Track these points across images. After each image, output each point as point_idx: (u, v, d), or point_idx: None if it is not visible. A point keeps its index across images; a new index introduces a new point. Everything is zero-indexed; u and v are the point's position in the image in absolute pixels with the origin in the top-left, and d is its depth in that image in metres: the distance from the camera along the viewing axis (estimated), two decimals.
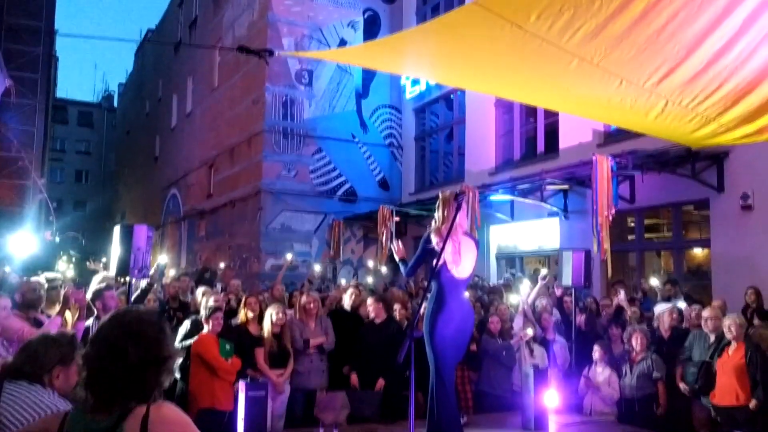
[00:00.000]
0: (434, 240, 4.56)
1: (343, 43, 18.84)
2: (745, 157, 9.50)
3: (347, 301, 7.64)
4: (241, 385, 5.08)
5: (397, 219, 14.82)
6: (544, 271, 8.97)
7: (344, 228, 17.86)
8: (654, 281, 9.27)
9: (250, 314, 6.48)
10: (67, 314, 5.09)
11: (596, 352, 6.80)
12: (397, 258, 5.05)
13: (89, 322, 5.11)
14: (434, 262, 4.48)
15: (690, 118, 4.72)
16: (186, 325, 6.29)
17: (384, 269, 14.39)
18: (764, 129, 4.79)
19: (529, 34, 3.64)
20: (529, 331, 6.98)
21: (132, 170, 37.37)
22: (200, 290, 7.37)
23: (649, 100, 4.46)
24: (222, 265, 15.27)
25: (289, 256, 13.40)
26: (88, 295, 5.44)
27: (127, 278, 6.05)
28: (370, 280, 14.00)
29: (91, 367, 2.05)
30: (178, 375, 6.18)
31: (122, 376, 1.99)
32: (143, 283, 6.53)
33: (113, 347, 2.02)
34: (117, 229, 5.92)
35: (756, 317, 7.47)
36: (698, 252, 11.64)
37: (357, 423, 6.15)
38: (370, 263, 16.05)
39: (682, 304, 8.04)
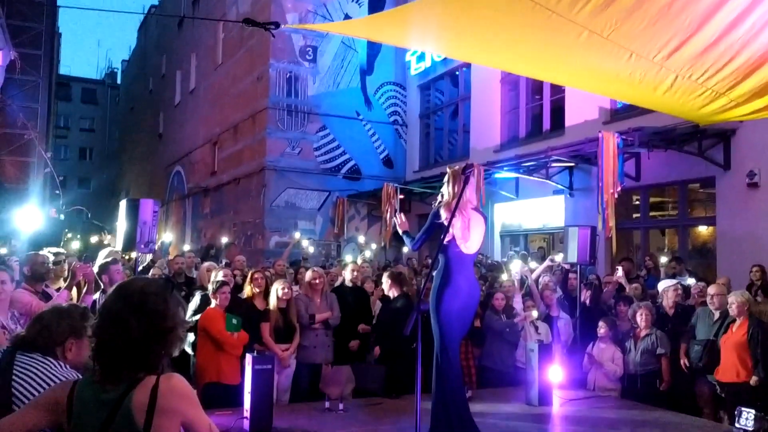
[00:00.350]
0: (443, 215, 4.53)
1: (347, 18, 18.67)
2: (753, 135, 9.44)
3: (348, 277, 7.70)
4: (248, 359, 5.10)
5: (401, 197, 14.82)
6: (558, 258, 8.96)
7: (348, 206, 17.88)
8: (663, 259, 9.27)
9: (256, 289, 6.51)
10: (74, 289, 5.11)
11: (601, 328, 6.82)
12: (400, 231, 5.02)
13: (96, 296, 5.13)
14: (442, 236, 4.47)
15: (699, 93, 4.66)
16: (196, 300, 6.32)
17: (376, 246, 14.43)
18: None
19: (539, 5, 3.59)
20: (534, 313, 7.00)
21: (136, 147, 37.34)
22: (205, 265, 7.39)
23: (658, 75, 4.40)
24: (225, 239, 15.35)
25: (297, 235, 13.45)
26: (95, 269, 5.47)
27: (133, 254, 6.08)
28: (367, 254, 14.03)
29: (98, 339, 2.09)
30: (190, 350, 6.25)
31: (127, 347, 2.01)
32: (150, 257, 6.57)
33: (116, 320, 2.04)
34: (123, 204, 5.94)
35: (760, 294, 7.48)
36: (703, 230, 11.61)
37: (362, 397, 6.21)
38: (361, 239, 16.06)
39: (691, 280, 8.05)
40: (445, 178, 4.81)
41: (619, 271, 8.17)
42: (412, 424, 3.90)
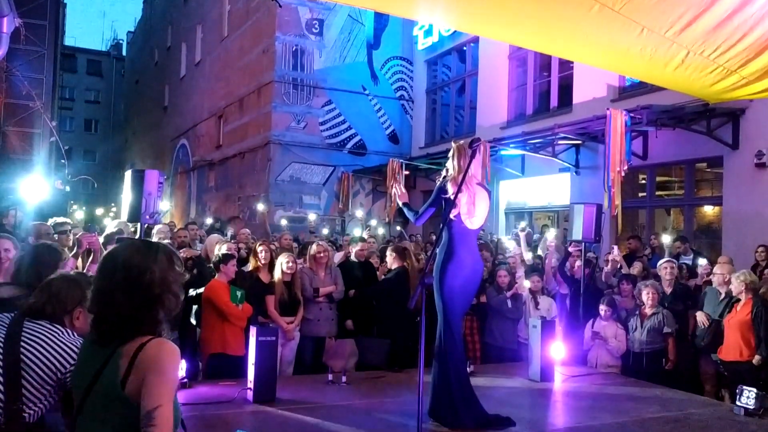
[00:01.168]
0: (450, 189, 4.50)
1: None
2: (762, 114, 9.36)
3: (354, 252, 7.73)
4: (253, 331, 5.14)
5: (406, 172, 14.79)
6: (522, 224, 8.95)
7: (353, 181, 17.86)
8: (666, 238, 9.24)
9: (261, 262, 6.52)
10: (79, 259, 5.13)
11: (603, 305, 6.83)
12: (400, 203, 4.98)
13: None
14: (448, 211, 4.45)
15: (711, 70, 4.61)
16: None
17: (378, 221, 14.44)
18: None
19: None
20: (526, 284, 6.99)
21: (141, 119, 37.28)
22: (214, 237, 7.41)
23: (669, 50, 4.35)
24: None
25: (260, 206, 13.57)
26: (101, 240, 5.48)
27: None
28: (380, 230, 14.04)
29: (90, 310, 2.12)
30: (194, 321, 6.30)
31: (120, 320, 2.02)
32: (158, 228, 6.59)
33: (104, 296, 2.05)
34: (128, 175, 5.92)
35: (767, 274, 7.46)
36: (709, 210, 11.57)
37: (365, 370, 6.25)
38: (359, 213, 16.05)
39: (702, 261, 8.02)
40: (450, 153, 4.78)
41: (615, 251, 8.16)
42: (414, 398, 3.93)
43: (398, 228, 14.19)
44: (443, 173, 4.87)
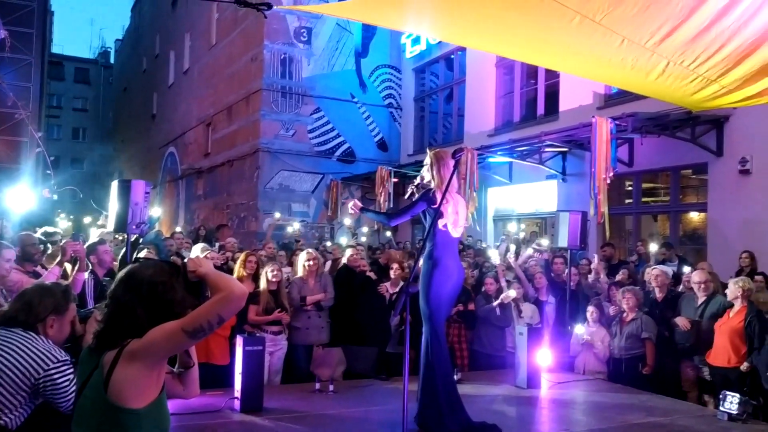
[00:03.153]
0: (438, 198, 4.52)
1: None
2: (745, 122, 9.47)
3: (345, 260, 7.71)
4: (239, 340, 5.14)
5: (395, 180, 14.82)
6: (544, 243, 8.98)
7: (342, 188, 17.85)
8: (653, 247, 9.31)
9: (246, 272, 6.50)
10: (67, 266, 5.12)
11: (591, 311, 6.87)
12: (356, 211, 4.94)
13: (85, 275, 5.14)
14: (435, 221, 4.49)
15: (691, 80, 4.67)
16: None
17: (368, 229, 14.44)
18: (765, 91, 4.75)
19: None
20: (512, 293, 7.03)
21: (129, 128, 37.15)
22: (197, 247, 7.39)
23: (650, 60, 4.41)
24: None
25: (277, 215, 13.37)
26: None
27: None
28: (363, 239, 14.05)
29: (103, 320, 2.17)
30: None
31: (132, 332, 2.07)
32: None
33: (126, 310, 2.12)
34: (115, 184, 5.92)
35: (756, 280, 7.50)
36: (694, 216, 11.67)
37: (353, 379, 6.26)
38: (347, 221, 16.05)
39: (686, 268, 8.07)
40: (427, 161, 4.81)
41: (595, 259, 8.22)
42: (401, 406, 3.95)
43: (387, 234, 14.21)
44: (417, 180, 4.91)
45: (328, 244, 13.12)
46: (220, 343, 5.85)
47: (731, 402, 5.00)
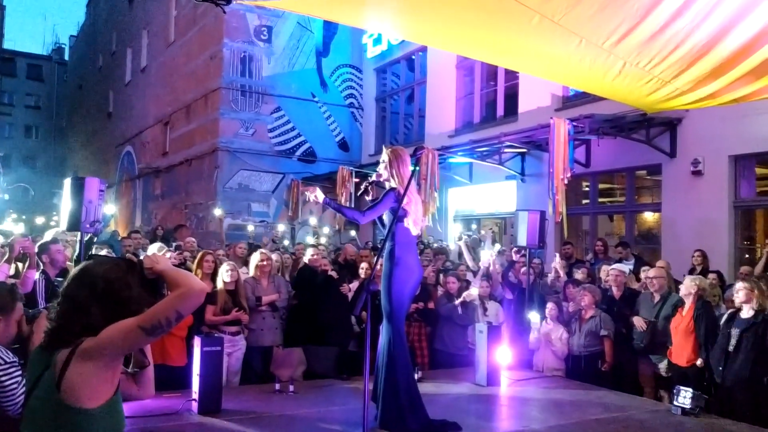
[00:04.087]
0: (405, 198, 4.50)
1: None
2: (698, 124, 9.71)
3: (306, 260, 7.64)
4: (197, 341, 5.05)
5: (356, 180, 14.79)
6: (462, 233, 9.07)
7: (303, 188, 17.74)
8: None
9: (202, 272, 6.38)
10: (19, 264, 4.97)
11: (549, 309, 6.95)
12: (320, 200, 4.66)
13: (36, 275, 4.99)
14: (399, 219, 4.48)
15: (646, 81, 4.77)
16: None
17: (330, 229, 14.41)
18: (716, 93, 4.88)
19: None
20: (473, 291, 7.08)
21: (85, 126, 36.31)
22: (154, 246, 7.25)
23: (607, 61, 4.48)
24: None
25: (217, 212, 13.22)
26: (35, 249, 5.30)
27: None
28: (322, 239, 14.01)
29: (54, 318, 2.10)
30: None
31: (84, 331, 2.01)
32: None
33: (79, 307, 2.05)
34: (67, 182, 5.75)
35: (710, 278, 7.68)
36: (649, 216, 11.93)
37: (313, 379, 6.21)
38: (313, 221, 15.99)
39: (645, 267, 8.20)
40: (384, 158, 4.80)
41: (557, 258, 8.35)
42: (362, 406, 3.92)
43: (352, 233, 14.18)
44: (373, 177, 4.89)
45: (286, 243, 13.03)
46: (176, 343, 5.74)
47: (684, 397, 5.12)
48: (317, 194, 4.72)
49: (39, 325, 3.39)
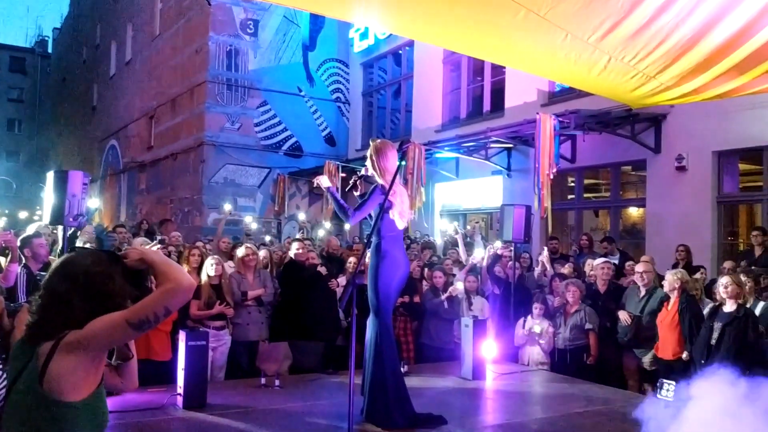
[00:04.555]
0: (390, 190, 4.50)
1: None
2: (682, 120, 9.78)
3: (292, 254, 7.61)
4: (182, 335, 5.02)
5: (343, 175, 14.76)
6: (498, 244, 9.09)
7: (289, 183, 17.72)
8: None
9: (186, 266, 6.34)
10: (2, 258, 4.92)
11: (535, 303, 6.99)
12: (324, 187, 4.76)
13: (18, 269, 4.94)
14: (385, 213, 4.47)
15: (631, 75, 4.78)
16: None
17: (328, 224, 14.36)
18: (701, 88, 4.90)
19: None
20: (459, 286, 7.09)
21: (68, 119, 35.97)
22: (138, 240, 7.20)
23: (592, 56, 4.48)
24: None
25: (227, 207, 13.16)
26: (18, 242, 5.24)
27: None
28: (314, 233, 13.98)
29: (36, 311, 2.07)
30: None
31: (66, 325, 1.98)
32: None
33: (61, 301, 2.02)
34: (50, 176, 5.68)
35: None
36: (634, 211, 12.01)
37: (299, 373, 6.21)
38: (301, 216, 15.94)
39: (630, 262, 8.25)
40: (369, 152, 4.80)
41: (544, 252, 8.39)
42: (348, 400, 3.92)
43: (327, 225, 14.13)
44: (362, 171, 4.89)
45: (267, 238, 12.99)
46: (161, 338, 5.71)
47: (667, 390, 5.15)
48: (322, 180, 4.83)
49: (20, 319, 3.36)
